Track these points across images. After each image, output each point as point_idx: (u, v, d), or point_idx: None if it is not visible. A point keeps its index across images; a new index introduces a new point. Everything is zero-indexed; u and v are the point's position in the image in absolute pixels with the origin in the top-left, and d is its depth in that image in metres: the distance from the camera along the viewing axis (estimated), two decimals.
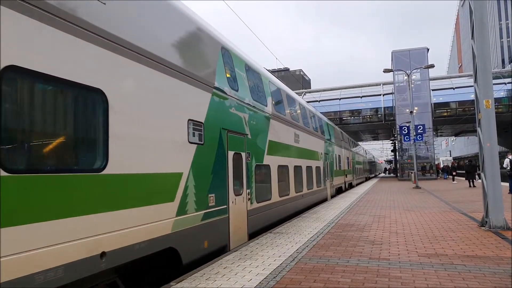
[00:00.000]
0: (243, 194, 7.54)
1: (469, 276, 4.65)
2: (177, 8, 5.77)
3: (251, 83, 8.63)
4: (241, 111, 7.67)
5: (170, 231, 4.93)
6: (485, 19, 8.08)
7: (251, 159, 8.08)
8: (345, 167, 24.75)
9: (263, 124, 9.08)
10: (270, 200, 9.22)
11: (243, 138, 7.74)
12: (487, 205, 7.85)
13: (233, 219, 6.96)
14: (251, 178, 8.03)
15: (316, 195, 14.75)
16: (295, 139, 12.06)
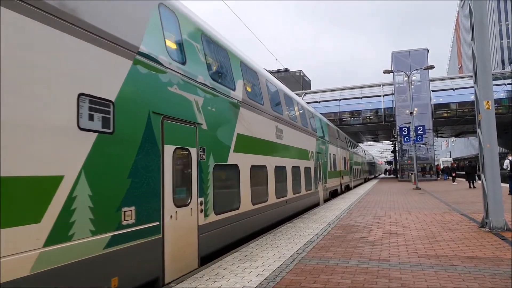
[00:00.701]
0: (191, 205, 5.62)
1: (469, 277, 4.65)
2: None
3: (211, 59, 6.91)
4: (190, 92, 5.83)
5: (29, 272, 3.11)
6: (485, 20, 8.09)
7: (207, 157, 6.19)
8: (341, 168, 22.54)
9: (228, 112, 7.24)
10: (238, 210, 7.40)
11: (193, 128, 5.83)
12: (487, 206, 7.85)
13: (172, 239, 5.04)
14: (207, 182, 6.12)
15: (304, 200, 13.05)
16: (278, 134, 10.23)
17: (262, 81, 9.64)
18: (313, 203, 14.32)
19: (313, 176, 14.39)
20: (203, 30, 6.72)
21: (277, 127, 10.27)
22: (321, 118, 18.71)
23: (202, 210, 5.96)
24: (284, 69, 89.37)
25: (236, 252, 6.42)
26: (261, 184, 8.94)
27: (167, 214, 5.00)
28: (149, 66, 4.86)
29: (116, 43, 4.32)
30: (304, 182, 13.01)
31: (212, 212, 6.26)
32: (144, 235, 4.54)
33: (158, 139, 4.91)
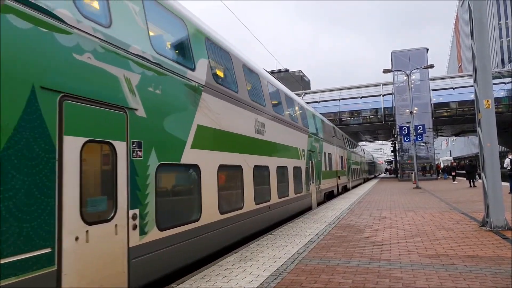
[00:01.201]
0: (116, 220, 4.13)
1: (470, 276, 4.65)
2: None
3: (158, 27, 5.65)
4: (117, 66, 4.36)
5: None
6: (484, 19, 8.08)
7: (145, 154, 4.70)
8: (337, 168, 20.92)
9: (182, 97, 5.72)
10: (197, 222, 5.85)
11: (121, 115, 4.34)
12: (487, 205, 7.84)
13: (77, 272, 3.62)
14: (145, 188, 4.64)
15: (294, 204, 11.63)
16: (258, 129, 8.83)
17: (237, 65, 8.21)
18: (304, 207, 12.92)
19: (304, 177, 12.96)
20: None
21: (257, 120, 8.85)
22: (315, 114, 17.18)
23: (136, 226, 4.41)
24: (284, 69, 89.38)
25: (237, 253, 6.41)
26: (234, 188, 7.60)
27: (68, 235, 3.53)
28: (34, 19, 3.43)
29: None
30: (293, 184, 11.59)
31: (153, 227, 4.74)
32: (22, 269, 3.10)
33: (51, 127, 3.48)
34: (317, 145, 15.74)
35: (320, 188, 15.77)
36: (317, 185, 15.19)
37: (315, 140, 15.53)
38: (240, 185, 7.75)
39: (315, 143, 15.41)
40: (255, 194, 8.35)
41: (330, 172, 18.51)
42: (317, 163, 15.35)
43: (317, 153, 15.58)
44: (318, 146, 15.94)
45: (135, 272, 4.39)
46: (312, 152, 14.67)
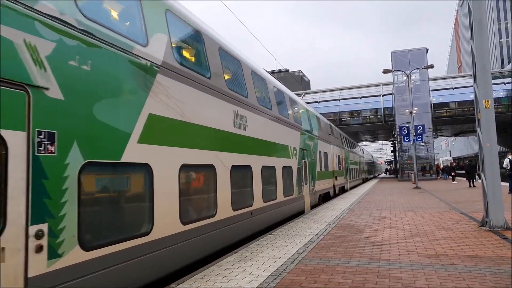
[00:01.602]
0: (2, 241, 3.01)
1: (470, 276, 4.65)
2: None
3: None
4: (9, 25, 3.20)
5: None
6: (484, 19, 8.09)
7: (62, 150, 3.55)
8: (334, 168, 19.59)
9: (126, 78, 4.54)
10: (146, 235, 4.65)
11: (20, 95, 3.24)
12: (487, 205, 7.85)
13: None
14: (59, 195, 3.49)
15: (282, 208, 10.35)
16: (237, 122, 7.66)
17: (210, 47, 6.91)
18: (295, 211, 11.70)
19: (295, 178, 11.73)
20: None
21: (237, 113, 7.64)
22: (310, 110, 15.79)
23: (42, 248, 3.26)
24: (284, 70, 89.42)
25: (237, 253, 6.41)
26: (203, 192, 6.44)
27: None
28: None
29: None
30: (282, 186, 10.32)
31: (74, 247, 3.58)
32: None
33: None
34: (311, 144, 14.50)
35: (315, 190, 14.63)
36: (311, 186, 13.97)
37: (309, 138, 14.32)
38: (212, 189, 6.51)
39: (309, 141, 14.16)
40: (233, 199, 7.14)
41: (326, 172, 17.22)
42: (311, 163, 14.16)
43: (311, 152, 14.35)
44: (312, 145, 14.74)
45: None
46: (306, 151, 13.48)
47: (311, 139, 14.71)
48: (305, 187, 13.13)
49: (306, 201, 13.18)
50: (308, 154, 13.88)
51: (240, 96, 7.97)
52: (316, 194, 14.90)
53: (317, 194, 15.23)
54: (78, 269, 3.62)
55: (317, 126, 16.41)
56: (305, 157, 13.35)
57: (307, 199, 13.37)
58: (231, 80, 7.76)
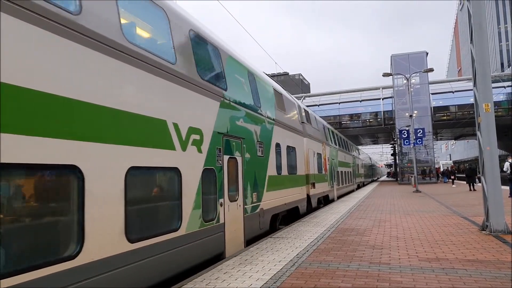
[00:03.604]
0: None
1: (470, 281, 4.64)
2: None
3: None
4: None
5: None
6: (484, 23, 8.11)
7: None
8: (309, 170, 13.76)
9: None
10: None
11: None
12: (487, 209, 7.84)
13: None
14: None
15: (153, 261, 4.73)
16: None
17: None
18: (185, 265, 5.54)
19: (196, 193, 5.80)
20: None
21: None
22: (259, 75, 9.78)
23: None
24: (284, 73, 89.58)
25: (236, 256, 6.40)
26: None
27: None
28: None
29: None
30: (159, 213, 5.07)
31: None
32: None
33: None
34: (255, 129, 8.67)
35: (261, 209, 8.71)
36: (249, 202, 8.06)
37: (250, 119, 8.38)
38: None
39: (248, 123, 8.27)
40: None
41: (289, 178, 11.25)
42: (252, 161, 8.38)
43: (253, 143, 8.53)
44: (257, 131, 8.78)
45: None
46: (237, 140, 7.62)
47: (256, 121, 8.74)
48: (231, 207, 7.13)
49: (229, 237, 6.90)
50: (246, 147, 8.04)
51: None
52: (264, 215, 8.84)
53: (269, 214, 9.21)
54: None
55: (273, 104, 10.32)
56: (234, 151, 7.47)
57: (239, 227, 7.42)
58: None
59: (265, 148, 9.24)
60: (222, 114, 6.92)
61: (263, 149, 9.15)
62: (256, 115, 8.84)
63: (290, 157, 11.62)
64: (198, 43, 6.64)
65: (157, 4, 5.54)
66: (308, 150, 13.81)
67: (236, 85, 7.90)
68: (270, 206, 9.35)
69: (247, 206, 7.90)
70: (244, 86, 8.44)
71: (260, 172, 8.87)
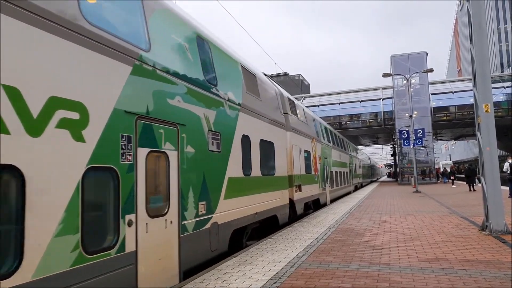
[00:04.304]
0: None
1: (470, 281, 4.64)
2: None
3: None
4: None
5: None
6: (483, 24, 8.12)
7: None
8: (293, 170, 11.46)
9: None
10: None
11: None
12: (487, 209, 7.84)
13: None
14: None
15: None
16: None
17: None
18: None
19: (76, 209, 3.55)
20: None
21: None
22: (215, 43, 7.37)
23: None
24: (283, 73, 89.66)
25: (236, 257, 6.40)
26: None
27: None
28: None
29: None
30: None
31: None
32: None
33: None
34: (199, 112, 6.15)
35: (210, 225, 6.26)
36: (189, 217, 5.63)
37: (192, 98, 6.01)
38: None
39: (188, 103, 5.88)
40: None
41: (264, 180, 8.92)
42: (193, 158, 5.86)
43: (199, 132, 6.14)
44: (205, 117, 6.37)
45: None
46: (165, 127, 5.17)
47: (207, 103, 6.44)
48: (154, 223, 4.80)
49: (143, 272, 4.49)
50: (187, 137, 5.71)
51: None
52: (219, 231, 6.54)
53: (228, 229, 6.92)
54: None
55: (240, 85, 8.08)
56: (166, 142, 5.19)
57: (170, 254, 5.09)
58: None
59: (223, 141, 6.82)
60: (137, 86, 4.58)
61: (220, 142, 6.69)
62: (207, 95, 6.39)
63: (266, 154, 9.15)
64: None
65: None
66: (292, 147, 11.49)
67: (171, 48, 5.54)
68: (231, 218, 6.96)
69: (188, 221, 5.49)
70: (188, 53, 6.01)
71: (214, 173, 6.41)
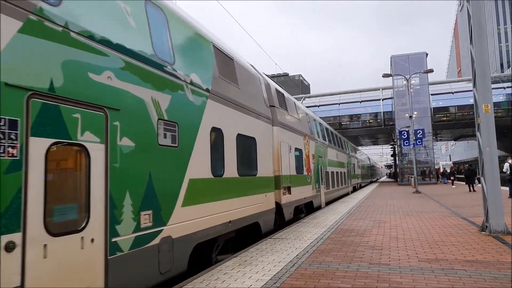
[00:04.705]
0: None
1: (470, 281, 4.64)
2: None
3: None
4: None
5: None
6: (483, 24, 8.12)
7: None
8: (281, 170, 10.18)
9: None
10: None
11: None
12: (487, 210, 7.84)
13: None
14: None
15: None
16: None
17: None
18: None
19: None
20: None
21: None
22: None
23: None
24: (283, 73, 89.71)
25: (236, 257, 6.40)
26: None
27: None
28: None
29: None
30: None
31: None
32: None
33: None
34: (143, 95, 4.74)
35: (160, 241, 4.83)
36: (125, 231, 4.21)
37: (132, 75, 4.61)
38: None
39: (124, 81, 4.44)
40: None
41: (241, 181, 7.63)
42: (133, 154, 4.45)
43: (143, 120, 4.74)
44: (154, 101, 4.97)
45: None
46: (83, 111, 3.81)
47: (157, 84, 5.11)
48: (58, 244, 3.42)
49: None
50: (122, 126, 4.33)
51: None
52: (173, 247, 5.12)
53: (188, 244, 5.53)
54: None
55: (210, 67, 6.78)
56: (84, 132, 3.81)
57: (92, 280, 3.77)
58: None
59: (182, 133, 5.48)
60: (32, 50, 3.39)
61: (177, 135, 5.36)
62: (158, 75, 5.09)
63: (246, 151, 8.02)
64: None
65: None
66: (280, 144, 10.23)
67: (100, 8, 4.32)
68: (192, 230, 5.57)
69: (122, 237, 4.16)
70: (130, 18, 4.80)
71: (166, 174, 5.08)
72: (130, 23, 4.80)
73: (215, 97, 6.70)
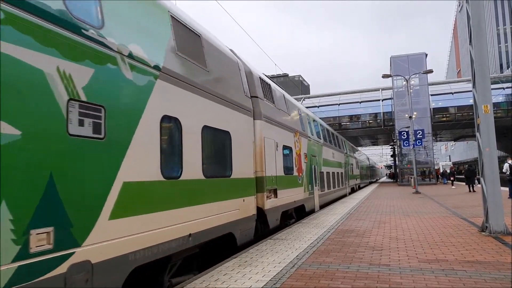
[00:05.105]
0: None
1: (470, 282, 4.64)
2: None
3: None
4: None
5: None
6: (483, 25, 8.13)
7: None
8: (262, 171, 8.77)
9: None
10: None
11: None
12: (487, 210, 7.84)
13: None
14: None
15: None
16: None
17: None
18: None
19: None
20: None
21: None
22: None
23: None
24: (283, 74, 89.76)
25: (236, 258, 6.40)
26: None
27: None
28: None
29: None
30: None
31: None
32: None
33: None
34: (43, 65, 3.33)
35: (94, 265, 3.68)
36: (32, 254, 3.07)
37: (46, 42, 3.37)
38: None
39: (20, 46, 3.13)
40: None
41: (208, 184, 6.17)
42: (27, 155, 3.13)
43: (42, 100, 3.29)
44: (64, 75, 3.54)
45: None
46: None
47: (66, 51, 3.59)
48: None
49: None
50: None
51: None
52: (87, 277, 3.60)
53: (121, 270, 4.06)
54: None
55: (164, 40, 5.40)
56: None
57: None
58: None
59: (111, 121, 4.09)
60: None
61: (104, 124, 3.99)
62: (72, 39, 3.68)
63: (215, 147, 6.76)
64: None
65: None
66: (264, 140, 8.93)
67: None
68: (127, 249, 4.18)
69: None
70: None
71: (82, 175, 3.68)
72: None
73: (170, 77, 5.28)
